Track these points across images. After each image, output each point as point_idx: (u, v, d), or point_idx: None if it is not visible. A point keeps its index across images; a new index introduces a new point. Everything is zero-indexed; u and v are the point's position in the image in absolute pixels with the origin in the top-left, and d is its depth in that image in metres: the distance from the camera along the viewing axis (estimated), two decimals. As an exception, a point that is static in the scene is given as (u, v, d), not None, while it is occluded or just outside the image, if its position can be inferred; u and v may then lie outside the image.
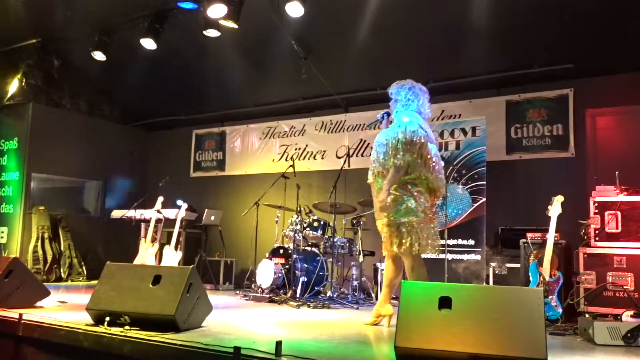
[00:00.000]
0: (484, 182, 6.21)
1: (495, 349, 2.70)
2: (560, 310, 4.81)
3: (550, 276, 4.92)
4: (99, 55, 7.26)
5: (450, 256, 6.10)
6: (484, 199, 6.17)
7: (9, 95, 8.38)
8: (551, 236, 4.93)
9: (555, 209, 4.99)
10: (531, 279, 5.03)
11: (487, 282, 5.92)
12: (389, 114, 4.62)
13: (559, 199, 5.02)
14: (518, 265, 5.56)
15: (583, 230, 5.19)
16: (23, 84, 8.35)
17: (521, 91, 6.89)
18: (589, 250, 4.99)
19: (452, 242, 6.18)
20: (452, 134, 6.58)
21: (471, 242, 6.16)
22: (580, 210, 5.30)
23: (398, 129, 4.28)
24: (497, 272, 5.96)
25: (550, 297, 4.83)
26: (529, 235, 5.43)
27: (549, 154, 6.64)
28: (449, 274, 5.91)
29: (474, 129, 6.45)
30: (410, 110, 4.44)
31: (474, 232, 6.15)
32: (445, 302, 2.89)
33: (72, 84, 9.07)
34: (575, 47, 6.14)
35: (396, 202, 4.25)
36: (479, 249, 6.10)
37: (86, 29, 7.35)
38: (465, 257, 6.19)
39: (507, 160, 6.86)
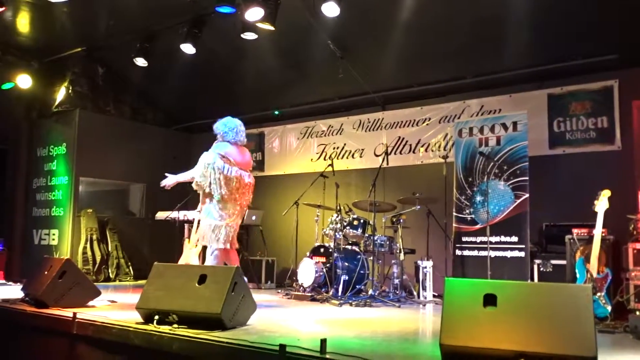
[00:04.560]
0: (527, 178, 6.09)
1: (542, 347, 2.66)
2: (609, 307, 4.68)
3: (598, 273, 4.80)
4: (140, 62, 7.45)
5: (492, 253, 6.01)
6: (527, 195, 6.05)
7: (57, 102, 8.70)
8: (598, 232, 4.80)
9: (602, 203, 4.86)
10: (578, 276, 4.92)
11: (532, 280, 5.81)
12: None
13: (605, 194, 4.89)
14: (564, 262, 5.44)
15: (632, 226, 5.04)
16: (70, 91, 8.65)
17: (563, 84, 6.72)
18: (639, 246, 4.84)
19: (494, 239, 6.09)
20: (492, 129, 6.48)
21: (514, 238, 6.05)
22: (628, 204, 5.15)
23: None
24: (541, 269, 5.85)
25: (598, 294, 4.71)
26: (575, 231, 5.31)
27: (594, 148, 6.46)
28: (492, 271, 5.83)
29: (514, 124, 6.33)
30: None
31: (517, 228, 6.04)
32: (490, 300, 2.86)
33: (115, 90, 9.36)
34: (619, 37, 5.95)
35: None
36: (523, 246, 5.99)
37: (128, 37, 7.56)
38: (508, 254, 6.09)
39: (550, 154, 6.71)
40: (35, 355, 4.59)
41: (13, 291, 6.07)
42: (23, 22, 7.55)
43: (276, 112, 9.05)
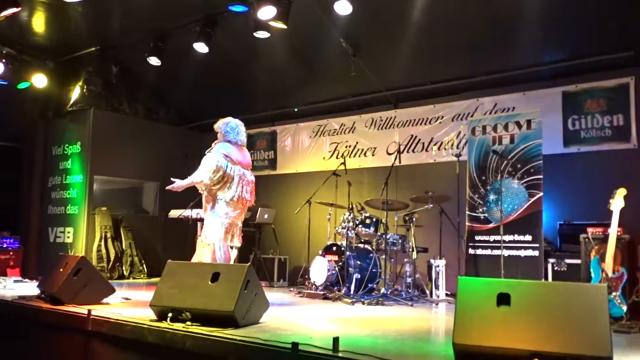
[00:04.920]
0: (541, 176, 6.03)
1: (557, 347, 2.64)
2: (624, 307, 4.63)
3: (614, 272, 4.74)
4: (154, 61, 7.49)
5: (506, 252, 5.97)
6: (541, 194, 5.99)
7: (71, 101, 8.77)
8: (614, 231, 4.75)
9: (617, 202, 4.80)
10: (593, 275, 4.87)
11: (546, 279, 5.76)
12: None
13: (621, 192, 4.83)
14: (578, 262, 5.38)
15: (648, 224, 4.98)
16: (84, 90, 8.71)
17: (578, 81, 6.66)
18: (655, 245, 4.78)
19: (508, 237, 6.04)
20: (506, 127, 6.42)
21: (528, 237, 6.00)
22: (645, 203, 5.07)
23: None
24: (556, 268, 5.79)
25: (613, 294, 4.66)
26: (590, 230, 5.25)
27: (609, 146, 6.38)
28: (505, 270, 5.79)
29: (528, 122, 6.27)
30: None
31: (531, 227, 5.98)
32: (504, 299, 2.84)
33: (129, 89, 9.43)
34: (634, 33, 5.88)
35: None
36: (537, 245, 5.94)
37: (141, 36, 7.61)
38: (522, 253, 6.04)
39: (565, 153, 6.65)
40: (50, 352, 4.64)
41: (29, 288, 6.15)
42: (38, 22, 7.63)
43: (295, 109, 9.07)
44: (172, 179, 5.59)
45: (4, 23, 6.62)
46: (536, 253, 5.94)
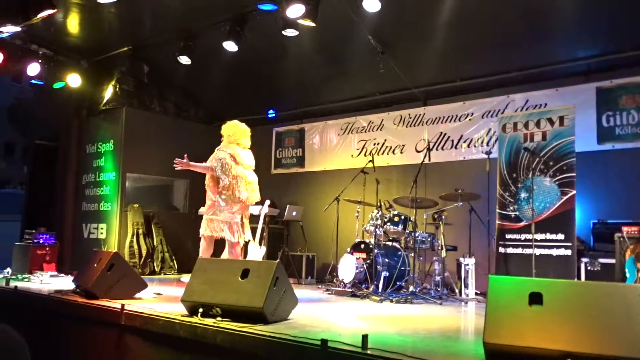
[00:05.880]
0: (574, 174, 5.91)
1: (591, 347, 2.59)
2: (661, 308, 4.51)
3: (650, 272, 4.63)
4: (184, 59, 7.59)
5: (537, 251, 5.87)
6: (574, 192, 5.88)
7: (104, 100, 8.97)
8: (650, 230, 4.63)
9: (654, 200, 4.68)
10: (628, 275, 4.76)
11: (578, 279, 5.65)
12: None
13: (658, 190, 4.71)
14: (613, 261, 5.27)
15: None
16: (117, 89, 8.89)
17: (613, 77, 6.49)
18: (694, 245, 4.65)
19: (539, 236, 5.94)
20: (537, 124, 6.31)
21: (561, 236, 5.89)
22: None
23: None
24: (589, 268, 5.68)
25: (649, 294, 4.54)
26: (625, 229, 5.13)
27: (646, 143, 6.22)
28: (537, 269, 5.70)
29: (561, 119, 6.16)
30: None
31: (563, 226, 5.87)
32: (536, 298, 2.80)
33: (160, 87, 9.58)
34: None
35: None
36: (569, 244, 5.83)
37: (172, 35, 7.72)
38: (554, 252, 5.93)
39: (599, 150, 6.50)
40: (85, 345, 4.77)
41: (65, 282, 6.32)
42: (73, 23, 7.81)
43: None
44: (185, 155, 6.00)
45: (40, 24, 6.78)
46: (569, 252, 5.83)
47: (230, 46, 7.06)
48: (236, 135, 6.20)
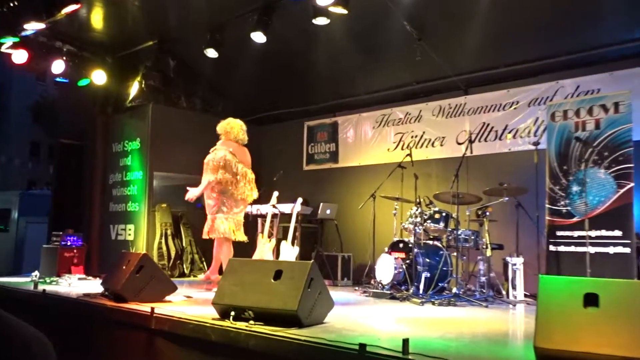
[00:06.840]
0: (631, 165, 5.74)
1: (653, 353, 2.52)
2: None
3: None
4: (211, 53, 7.67)
5: (592, 249, 5.73)
6: (632, 184, 5.71)
7: (130, 97, 9.14)
8: None
9: None
10: (693, 274, 4.60)
11: (638, 279, 5.49)
12: None
13: None
14: (676, 259, 5.10)
15: None
16: (143, 85, 9.05)
17: (674, 58, 6.29)
18: None
19: (594, 233, 5.80)
20: (589, 111, 6.15)
21: (617, 232, 5.73)
22: None
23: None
24: (649, 266, 5.51)
25: None
26: (690, 224, 4.96)
27: None
28: (592, 268, 5.56)
29: (616, 105, 5.98)
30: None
31: (620, 221, 5.71)
32: (591, 300, 2.74)
33: (186, 82, 9.71)
34: None
35: None
36: (628, 241, 5.66)
37: (198, 28, 7.82)
38: (610, 249, 5.78)
39: (659, 138, 6.30)
40: (114, 349, 4.88)
41: (93, 286, 6.49)
42: (97, 19, 8.00)
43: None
44: (187, 187, 6.57)
45: (64, 20, 6.97)
46: (627, 250, 5.66)
47: (258, 37, 7.10)
48: (234, 132, 6.57)
